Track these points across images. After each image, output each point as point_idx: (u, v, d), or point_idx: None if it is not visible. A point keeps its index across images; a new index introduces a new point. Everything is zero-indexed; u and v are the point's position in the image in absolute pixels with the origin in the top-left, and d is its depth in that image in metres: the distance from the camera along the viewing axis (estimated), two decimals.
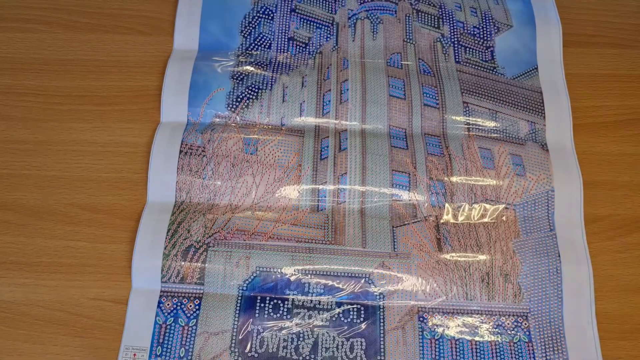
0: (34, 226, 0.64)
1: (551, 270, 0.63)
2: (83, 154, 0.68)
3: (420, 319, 0.61)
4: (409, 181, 0.66)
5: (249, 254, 0.62)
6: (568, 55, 0.74)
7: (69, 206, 0.65)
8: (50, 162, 0.67)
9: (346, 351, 0.59)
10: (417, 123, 0.70)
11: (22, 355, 0.59)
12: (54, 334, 0.60)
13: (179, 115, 0.69)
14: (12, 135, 0.69)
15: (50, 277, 0.62)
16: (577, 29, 0.76)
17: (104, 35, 0.75)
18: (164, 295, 0.61)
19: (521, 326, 0.61)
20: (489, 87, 0.71)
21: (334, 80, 0.71)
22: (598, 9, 0.78)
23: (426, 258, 0.63)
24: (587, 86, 0.72)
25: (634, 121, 0.71)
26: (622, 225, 0.66)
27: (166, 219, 0.64)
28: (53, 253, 0.63)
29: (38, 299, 0.61)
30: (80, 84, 0.71)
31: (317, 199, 0.66)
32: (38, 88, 0.71)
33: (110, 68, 0.72)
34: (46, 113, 0.70)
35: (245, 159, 0.67)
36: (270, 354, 0.59)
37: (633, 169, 0.69)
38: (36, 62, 0.73)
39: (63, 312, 0.60)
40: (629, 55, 0.75)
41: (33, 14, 0.76)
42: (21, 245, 0.63)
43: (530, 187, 0.66)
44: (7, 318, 0.60)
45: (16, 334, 0.59)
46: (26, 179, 0.67)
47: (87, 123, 0.69)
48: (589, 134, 0.70)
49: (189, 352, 0.59)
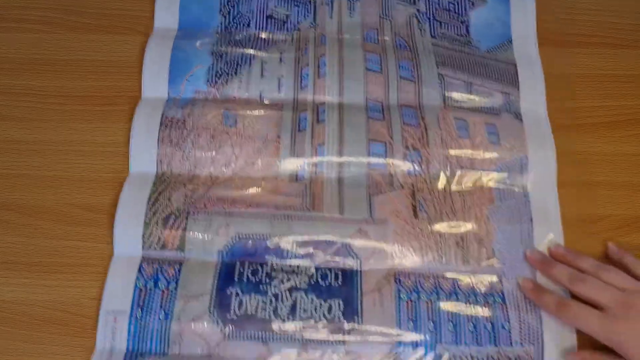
0: (34, 226, 0.64)
1: (524, 234, 0.64)
2: (83, 154, 0.68)
3: (397, 281, 0.62)
4: (386, 150, 0.67)
5: (228, 222, 0.64)
6: (568, 56, 0.74)
7: (69, 206, 0.65)
8: (50, 162, 0.67)
9: (324, 312, 0.60)
10: (393, 95, 0.71)
11: (22, 355, 0.58)
12: (54, 334, 0.59)
13: (159, 92, 0.71)
14: (12, 135, 0.69)
15: (50, 277, 0.62)
16: (576, 29, 0.76)
17: (105, 35, 0.75)
18: (145, 262, 0.62)
19: (495, 289, 0.62)
20: (464, 60, 0.73)
21: (311, 56, 0.73)
22: (597, 9, 0.78)
23: (402, 224, 0.64)
24: (587, 86, 0.72)
25: (634, 121, 0.71)
26: (622, 225, 0.66)
27: (147, 189, 0.65)
28: (53, 253, 0.63)
29: (38, 299, 0.61)
30: (81, 84, 0.72)
31: (296, 169, 0.67)
32: (38, 88, 0.71)
33: (111, 68, 0.72)
34: (46, 113, 0.70)
35: (225, 131, 0.68)
36: (249, 316, 0.60)
37: (633, 169, 0.68)
38: (36, 62, 0.73)
39: (63, 312, 0.60)
40: (629, 55, 0.75)
41: (33, 14, 0.76)
42: (21, 245, 0.63)
43: (504, 154, 0.67)
44: (7, 318, 0.60)
45: (16, 334, 0.59)
46: (26, 179, 0.67)
47: (87, 123, 0.70)
48: (589, 134, 0.70)
49: (169, 314, 0.60)
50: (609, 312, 0.55)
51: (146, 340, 0.59)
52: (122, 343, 0.59)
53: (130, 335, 0.60)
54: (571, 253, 0.62)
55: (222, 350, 0.59)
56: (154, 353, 0.59)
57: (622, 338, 0.54)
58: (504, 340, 0.60)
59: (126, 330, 0.60)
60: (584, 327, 0.57)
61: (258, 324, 0.60)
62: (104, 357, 0.59)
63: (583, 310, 0.57)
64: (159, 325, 0.60)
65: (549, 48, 0.75)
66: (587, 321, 0.56)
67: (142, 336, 0.60)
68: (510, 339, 0.60)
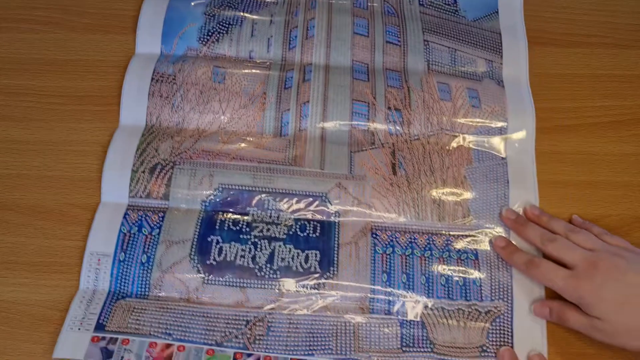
0: (34, 226, 0.64)
1: (499, 195, 0.66)
2: (83, 154, 0.68)
3: (373, 235, 0.64)
4: (368, 110, 0.69)
5: (212, 172, 0.66)
6: (567, 56, 0.75)
7: (69, 206, 0.66)
8: (50, 162, 0.68)
9: (301, 262, 0.62)
10: (379, 59, 0.73)
11: (22, 355, 0.59)
12: (54, 334, 0.59)
13: (152, 48, 0.73)
14: (12, 135, 0.69)
15: (50, 277, 0.62)
16: (576, 29, 0.76)
17: (105, 35, 0.75)
18: (130, 209, 0.64)
19: (468, 246, 0.64)
20: (449, 28, 0.74)
21: (301, 19, 0.75)
22: (596, 9, 0.78)
23: (380, 180, 0.66)
24: (587, 86, 0.73)
25: (634, 121, 0.71)
26: (622, 225, 0.66)
27: (136, 140, 0.67)
28: (53, 253, 0.63)
29: (38, 299, 0.61)
30: (81, 84, 0.72)
31: (280, 125, 0.69)
32: (38, 88, 0.72)
33: (111, 68, 0.73)
34: (46, 113, 0.70)
35: (213, 87, 0.70)
36: (228, 262, 0.62)
37: (633, 169, 0.69)
38: (36, 62, 0.73)
39: (63, 312, 0.60)
40: (628, 55, 0.75)
41: (33, 14, 0.76)
42: (21, 245, 0.64)
43: (484, 117, 0.69)
44: (7, 318, 0.60)
45: (16, 334, 0.60)
46: (26, 179, 0.67)
47: (87, 123, 0.70)
48: (589, 134, 0.70)
49: (151, 258, 0.62)
50: (576, 270, 0.57)
51: (128, 282, 0.62)
52: (105, 284, 0.62)
53: (112, 277, 0.62)
54: (545, 215, 0.64)
55: (201, 295, 0.61)
56: (135, 295, 0.61)
57: (586, 294, 0.56)
58: (475, 295, 0.62)
59: (109, 272, 0.62)
60: (551, 284, 0.58)
61: (236, 271, 0.62)
62: (87, 296, 0.61)
63: (551, 268, 0.59)
64: (141, 269, 0.62)
65: (549, 48, 0.75)
66: (554, 278, 0.58)
67: (124, 278, 0.62)
68: (481, 294, 0.62)
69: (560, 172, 0.68)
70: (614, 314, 0.54)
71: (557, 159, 0.69)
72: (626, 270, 0.56)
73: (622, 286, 0.55)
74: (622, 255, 0.57)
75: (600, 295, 0.55)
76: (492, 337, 0.60)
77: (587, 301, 0.55)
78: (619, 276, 0.55)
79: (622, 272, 0.55)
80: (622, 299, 0.55)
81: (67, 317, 0.59)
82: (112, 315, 0.60)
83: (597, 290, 0.55)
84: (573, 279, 0.57)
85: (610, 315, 0.55)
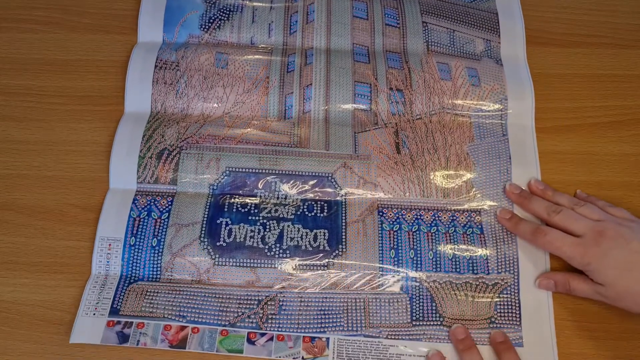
0: (34, 226, 0.64)
1: (502, 170, 0.67)
2: (83, 154, 0.68)
3: (380, 213, 0.65)
4: (370, 91, 0.70)
5: (219, 156, 0.66)
6: (567, 56, 0.75)
7: (69, 206, 0.66)
8: (50, 162, 0.68)
9: (310, 241, 0.63)
10: (378, 41, 0.74)
11: (22, 355, 0.59)
12: (54, 334, 0.59)
13: (154, 36, 0.74)
14: (12, 135, 0.69)
15: (50, 277, 0.62)
16: (576, 29, 0.77)
17: (105, 35, 0.75)
18: (138, 194, 0.65)
19: (474, 220, 0.65)
20: (447, 9, 0.76)
21: (300, 4, 0.76)
22: (597, 9, 0.78)
23: (385, 159, 0.67)
24: (587, 86, 0.73)
25: (634, 121, 0.71)
26: None
27: (142, 127, 0.68)
28: (53, 253, 0.63)
29: (38, 299, 0.61)
30: (81, 84, 0.72)
31: (284, 109, 0.70)
32: (38, 88, 0.72)
33: (111, 68, 0.73)
34: (46, 113, 0.70)
35: (217, 72, 0.71)
36: (238, 243, 0.63)
37: (633, 169, 0.69)
38: (36, 62, 0.73)
39: (63, 312, 0.60)
40: (629, 55, 0.75)
41: (33, 14, 0.76)
42: (21, 245, 0.64)
43: (484, 95, 0.70)
44: (7, 318, 0.60)
45: (16, 334, 0.60)
46: (26, 179, 0.67)
47: (87, 123, 0.70)
48: (588, 134, 0.70)
49: (161, 242, 0.63)
50: (583, 238, 0.58)
51: (139, 266, 0.62)
52: (116, 268, 0.62)
53: (124, 261, 0.62)
54: (550, 189, 0.65)
55: (211, 276, 0.62)
56: (146, 278, 0.62)
57: (592, 260, 0.57)
58: (481, 268, 0.63)
59: (120, 257, 0.62)
60: (558, 251, 0.60)
61: (246, 252, 0.62)
62: (99, 281, 0.61)
63: (558, 235, 0.60)
64: (152, 252, 0.62)
65: (549, 48, 0.76)
66: (562, 245, 0.59)
67: (135, 262, 0.62)
68: (488, 267, 0.63)
69: (560, 172, 0.68)
70: (619, 279, 0.56)
71: (557, 159, 0.69)
72: (631, 238, 0.57)
73: (627, 253, 0.56)
74: (627, 225, 0.59)
75: (606, 262, 0.57)
76: (499, 309, 0.61)
77: (594, 267, 0.57)
78: (624, 244, 0.57)
79: (627, 240, 0.57)
80: (626, 265, 0.56)
81: (82, 303, 0.60)
82: (125, 299, 0.60)
83: (603, 256, 0.57)
84: (580, 247, 0.58)
85: (615, 280, 0.56)
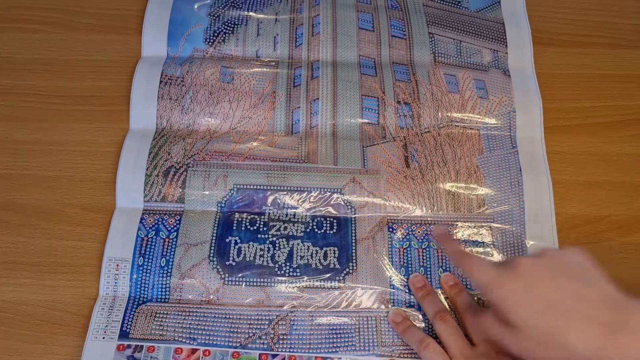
0: (34, 226, 0.64)
1: (513, 183, 0.66)
2: (83, 154, 0.68)
3: (390, 229, 0.64)
4: (378, 105, 0.70)
5: (226, 173, 0.66)
6: (568, 56, 0.75)
7: (69, 206, 0.65)
8: (50, 162, 0.67)
9: (320, 259, 0.62)
10: (385, 53, 0.73)
11: (22, 355, 0.58)
12: (54, 334, 0.59)
13: (158, 50, 0.73)
14: (12, 135, 0.69)
15: (50, 277, 0.62)
16: (576, 29, 0.77)
17: (105, 35, 0.75)
18: (146, 213, 0.64)
19: (485, 235, 0.64)
20: (453, 20, 0.75)
21: (306, 16, 0.75)
22: (597, 9, 0.78)
23: (394, 174, 0.66)
24: (587, 86, 0.73)
25: (634, 121, 0.71)
26: (621, 226, 0.66)
27: (148, 144, 0.67)
28: (53, 253, 0.63)
29: (38, 299, 0.61)
30: (81, 84, 0.72)
31: (291, 123, 0.69)
32: (38, 88, 0.71)
33: (111, 69, 0.72)
34: (46, 113, 0.70)
35: (222, 87, 0.70)
36: (248, 262, 0.62)
37: (633, 169, 0.68)
38: (36, 62, 0.73)
39: (63, 312, 0.60)
40: (629, 55, 0.75)
41: (33, 14, 0.76)
42: (21, 245, 0.63)
43: (492, 108, 0.69)
44: (7, 318, 0.60)
45: (16, 334, 0.59)
46: (26, 179, 0.67)
47: (87, 123, 0.70)
48: (588, 134, 0.70)
49: (170, 262, 0.62)
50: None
51: (148, 287, 0.61)
52: (124, 289, 0.61)
53: (132, 282, 0.62)
54: (457, 285, 0.61)
55: (221, 296, 0.61)
56: (155, 299, 0.61)
57: None
58: None
59: (128, 278, 0.62)
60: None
61: (256, 271, 0.62)
62: (107, 302, 0.61)
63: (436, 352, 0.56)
64: (160, 273, 0.62)
65: (550, 48, 0.76)
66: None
67: (144, 283, 0.61)
68: None
69: (560, 172, 0.68)
70: None
71: (557, 159, 0.69)
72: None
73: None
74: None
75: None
76: None
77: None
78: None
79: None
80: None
81: (90, 326, 0.59)
82: (135, 322, 0.59)
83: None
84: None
85: None
